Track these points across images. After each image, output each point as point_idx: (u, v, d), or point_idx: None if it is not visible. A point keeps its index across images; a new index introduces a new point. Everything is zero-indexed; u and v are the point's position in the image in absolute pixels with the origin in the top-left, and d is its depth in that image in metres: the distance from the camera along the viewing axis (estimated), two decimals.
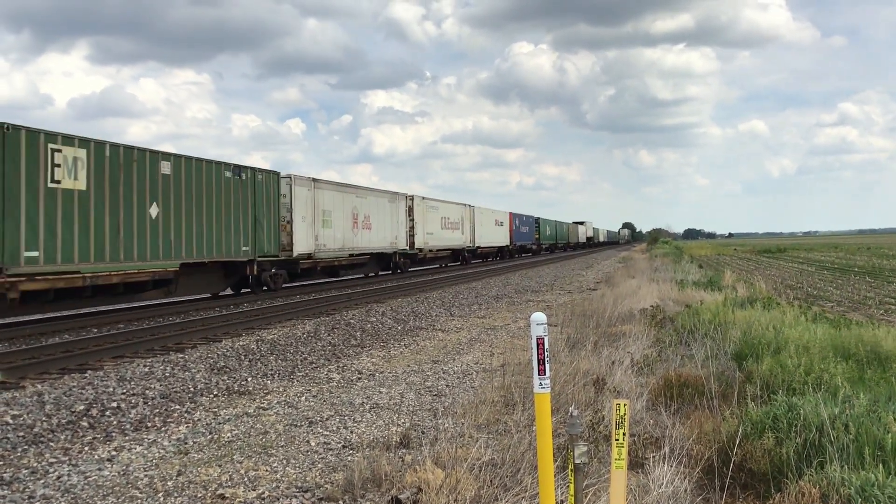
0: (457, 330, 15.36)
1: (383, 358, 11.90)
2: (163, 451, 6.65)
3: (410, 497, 4.71)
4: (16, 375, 9.83)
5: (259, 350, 12.13)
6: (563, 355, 9.14)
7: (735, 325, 10.31)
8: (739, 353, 8.61)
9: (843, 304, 19.44)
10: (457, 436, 6.41)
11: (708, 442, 5.38)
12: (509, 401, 7.42)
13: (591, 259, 58.33)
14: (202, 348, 12.25)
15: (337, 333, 14.31)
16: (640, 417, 6.54)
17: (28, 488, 5.62)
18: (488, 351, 12.26)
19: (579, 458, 3.56)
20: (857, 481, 4.06)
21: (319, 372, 10.69)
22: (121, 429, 7.49)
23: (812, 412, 5.06)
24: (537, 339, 3.43)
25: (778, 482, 4.56)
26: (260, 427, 7.43)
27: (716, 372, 7.68)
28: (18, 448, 6.72)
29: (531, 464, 4.97)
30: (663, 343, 10.29)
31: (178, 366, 10.57)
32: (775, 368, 7.17)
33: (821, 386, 6.32)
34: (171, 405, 8.48)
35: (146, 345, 12.50)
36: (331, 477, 5.73)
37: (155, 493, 5.46)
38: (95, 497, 5.41)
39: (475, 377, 9.91)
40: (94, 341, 12.89)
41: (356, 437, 6.98)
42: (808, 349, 7.87)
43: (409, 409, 8.15)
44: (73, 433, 7.28)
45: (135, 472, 6.01)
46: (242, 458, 6.33)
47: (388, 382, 9.71)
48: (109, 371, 10.19)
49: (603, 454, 5.12)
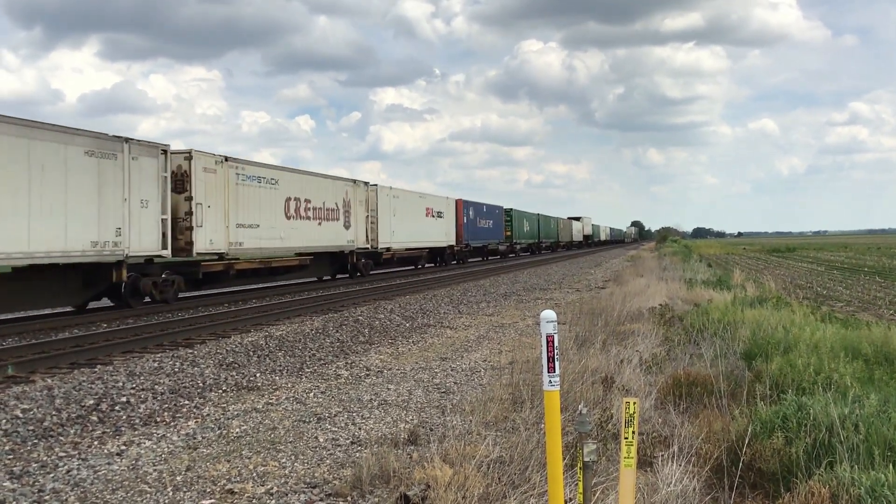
0: (465, 327, 15.36)
1: (391, 355, 11.91)
2: (172, 445, 6.68)
3: (419, 494, 4.71)
4: (26, 370, 9.88)
5: (267, 346, 12.17)
6: (571, 353, 9.13)
7: (744, 325, 10.29)
8: (749, 353, 8.58)
9: (852, 304, 19.35)
10: (465, 433, 6.41)
11: (717, 441, 5.36)
12: (517, 398, 7.42)
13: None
14: (211, 344, 12.29)
15: (345, 330, 14.33)
16: (649, 416, 6.53)
17: (38, 482, 5.66)
18: (496, 348, 12.26)
19: (588, 455, 3.55)
20: (868, 481, 4.04)
21: (328, 368, 10.71)
22: (130, 423, 7.52)
23: (822, 412, 5.04)
24: (547, 337, 3.42)
25: (787, 482, 4.55)
26: (268, 423, 7.45)
27: (725, 371, 7.67)
28: (28, 442, 6.77)
29: (539, 461, 4.96)
30: (672, 342, 10.27)
31: (187, 361, 10.61)
32: (785, 368, 7.15)
33: (830, 386, 6.29)
34: (180, 400, 8.51)
35: (155, 340, 12.55)
36: (339, 473, 5.74)
37: (164, 487, 5.48)
38: (105, 491, 5.43)
39: (483, 374, 9.91)
40: (104, 336, 12.95)
41: (364, 433, 6.99)
42: (818, 349, 7.84)
43: (417, 405, 8.16)
44: (82, 427, 7.31)
45: (144, 466, 6.04)
46: (251, 453, 6.35)
47: (397, 379, 9.72)
48: (119, 366, 10.24)
49: (611, 452, 5.11)
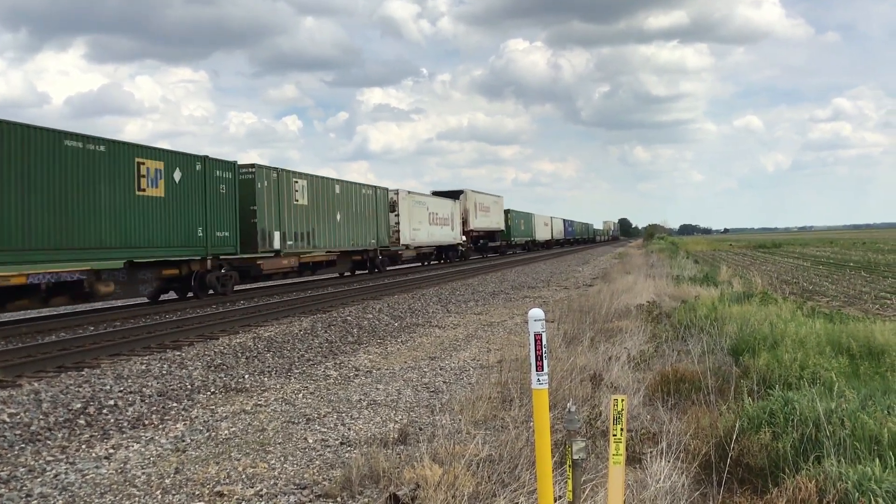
0: (454, 326, 15.37)
1: (380, 355, 11.90)
2: (160, 448, 6.65)
3: (408, 494, 4.71)
4: (12, 374, 9.81)
5: (256, 347, 12.13)
6: (560, 351, 9.16)
7: (731, 321, 10.33)
8: (736, 349, 8.62)
9: (838, 298, 19.48)
10: (454, 432, 6.42)
11: (705, 437, 5.39)
12: (506, 397, 7.43)
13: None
14: (199, 346, 12.23)
15: (334, 330, 14.30)
16: (638, 413, 6.56)
17: (25, 486, 5.62)
18: (485, 347, 12.27)
19: (577, 453, 3.57)
20: (855, 475, 4.07)
21: (317, 369, 10.69)
22: (118, 427, 7.48)
23: (808, 407, 5.07)
24: (535, 336, 3.43)
25: (775, 477, 4.58)
26: (257, 424, 7.43)
27: (712, 367, 7.70)
28: (16, 446, 6.72)
29: (529, 460, 4.98)
30: (660, 339, 10.31)
31: (175, 363, 10.56)
32: (772, 363, 7.19)
33: (816, 381, 6.34)
34: (169, 403, 8.47)
35: (143, 342, 12.48)
36: (329, 474, 5.74)
37: (153, 490, 5.46)
38: (93, 495, 5.40)
39: (472, 373, 9.92)
40: (91, 339, 12.86)
41: (354, 433, 6.98)
42: (804, 344, 7.89)
43: (406, 405, 8.16)
44: (70, 431, 7.27)
45: (132, 469, 6.01)
46: (240, 455, 6.33)
47: (386, 379, 9.71)
48: (106, 369, 10.17)
49: (601, 450, 5.13)
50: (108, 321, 15.85)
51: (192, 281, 19.94)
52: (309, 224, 25.70)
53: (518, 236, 63.99)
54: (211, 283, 20.38)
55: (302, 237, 25.19)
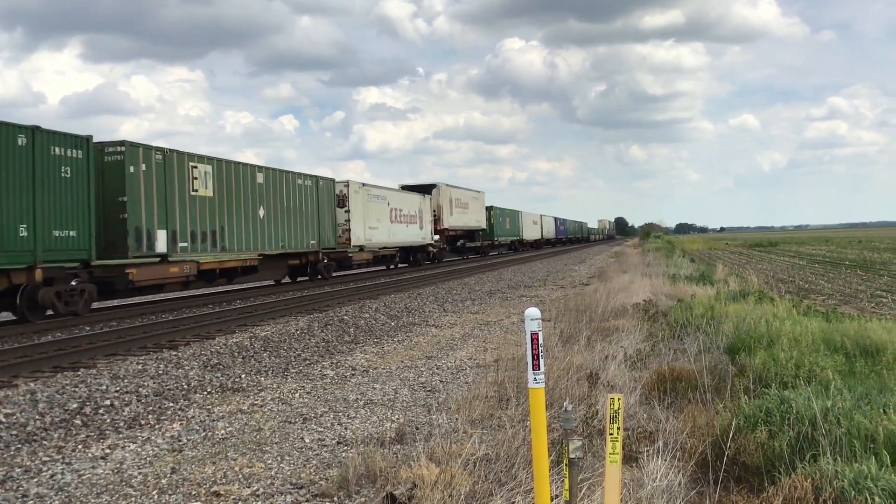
0: (450, 326, 15.37)
1: (377, 354, 11.90)
2: (157, 448, 6.64)
3: (405, 493, 4.71)
4: (8, 374, 9.78)
5: (252, 347, 12.11)
6: (556, 350, 9.16)
7: (727, 319, 10.34)
8: (732, 347, 8.64)
9: (834, 297, 19.52)
10: (451, 431, 6.42)
11: (701, 436, 5.40)
12: (503, 396, 7.43)
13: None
14: (195, 345, 12.21)
15: (330, 330, 14.30)
16: (634, 412, 6.57)
17: (21, 487, 5.60)
18: (482, 346, 12.27)
19: (574, 452, 3.57)
20: (851, 474, 4.08)
21: (313, 368, 10.69)
22: (114, 427, 7.47)
23: (804, 405, 5.08)
24: (531, 335, 3.43)
25: (771, 475, 4.58)
26: (254, 424, 7.42)
27: (709, 366, 7.71)
28: (12, 447, 6.70)
29: (525, 459, 4.98)
30: (656, 337, 10.33)
31: (172, 363, 10.54)
32: (768, 362, 7.20)
33: (812, 379, 6.35)
34: (165, 403, 8.46)
35: (139, 342, 12.46)
36: (325, 473, 5.73)
37: (149, 490, 5.45)
38: (89, 495, 5.39)
39: (469, 373, 9.92)
40: (87, 339, 12.84)
41: (350, 433, 6.98)
42: (799, 342, 7.90)
43: (403, 405, 8.15)
44: (66, 431, 7.25)
45: (129, 469, 6.00)
46: (237, 455, 6.32)
47: (382, 378, 9.71)
48: (102, 369, 10.16)
49: (597, 448, 5.14)
50: (103, 321, 15.81)
51: (18, 299, 14.59)
52: (216, 221, 20.59)
53: (503, 235, 59.41)
54: (47, 301, 14.93)
55: (204, 237, 20.12)
